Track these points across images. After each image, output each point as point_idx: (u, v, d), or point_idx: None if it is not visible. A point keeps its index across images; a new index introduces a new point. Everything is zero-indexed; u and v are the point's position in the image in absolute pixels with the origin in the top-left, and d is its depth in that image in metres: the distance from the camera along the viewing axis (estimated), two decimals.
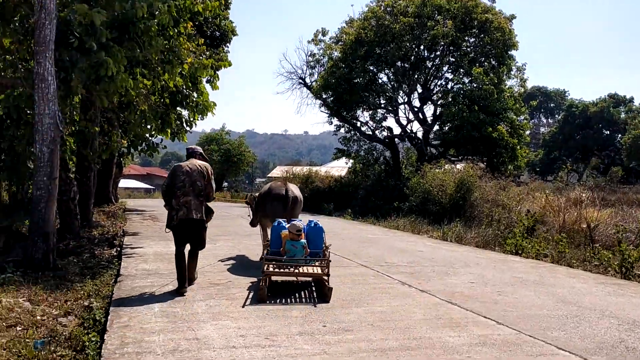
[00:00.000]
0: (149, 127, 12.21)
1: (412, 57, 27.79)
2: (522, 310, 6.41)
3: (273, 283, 7.35)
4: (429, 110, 30.39)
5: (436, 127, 29.44)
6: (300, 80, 33.14)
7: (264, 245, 8.53)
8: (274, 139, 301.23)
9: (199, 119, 12.18)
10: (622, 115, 65.74)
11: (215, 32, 25.27)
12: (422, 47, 27.68)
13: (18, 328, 5.54)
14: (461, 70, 27.37)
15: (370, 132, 31.13)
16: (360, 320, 5.79)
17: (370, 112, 30.88)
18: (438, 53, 27.56)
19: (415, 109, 29.64)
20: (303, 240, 7.36)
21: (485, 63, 27.07)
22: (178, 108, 11.98)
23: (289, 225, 7.45)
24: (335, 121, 31.61)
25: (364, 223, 19.32)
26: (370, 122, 31.16)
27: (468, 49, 27.40)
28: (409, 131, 29.70)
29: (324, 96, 30.69)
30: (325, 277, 6.80)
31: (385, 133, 30.89)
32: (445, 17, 26.47)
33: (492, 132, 24.12)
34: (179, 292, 6.88)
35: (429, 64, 28.42)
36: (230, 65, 25.32)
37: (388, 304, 6.58)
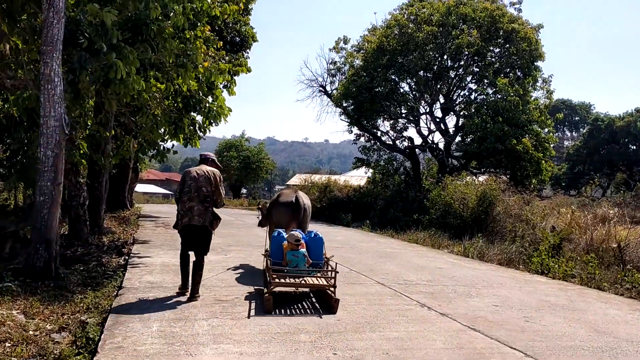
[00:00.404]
0: (161, 131, 11.87)
1: (435, 67, 27.23)
2: (552, 341, 5.85)
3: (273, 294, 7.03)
4: (450, 121, 29.84)
5: (458, 139, 28.82)
6: (321, 88, 32.81)
7: (264, 255, 8.51)
8: (294, 147, 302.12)
9: (213, 125, 11.81)
10: None
11: (235, 38, 25.05)
12: (445, 56, 27.12)
13: (7, 344, 5.16)
14: (485, 80, 26.75)
15: (391, 142, 30.61)
16: (375, 347, 5.29)
17: (391, 121, 30.39)
18: (462, 63, 26.96)
19: (437, 120, 29.05)
20: (303, 250, 7.36)
21: (511, 74, 26.37)
22: (192, 113, 11.63)
23: (287, 235, 7.47)
24: (355, 130, 31.19)
25: (382, 235, 18.79)
26: (391, 132, 30.68)
27: (493, 59, 26.76)
28: (430, 142, 29.08)
29: (344, 104, 30.28)
30: (332, 289, 6.76)
31: (405, 143, 30.38)
32: (470, 26, 25.89)
33: (517, 144, 23.45)
34: (181, 292, 7.16)
35: (452, 74, 27.81)
36: (249, 71, 25.02)
37: (405, 329, 6.06)
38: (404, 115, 30.12)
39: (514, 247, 13.46)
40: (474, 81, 27.68)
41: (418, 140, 29.95)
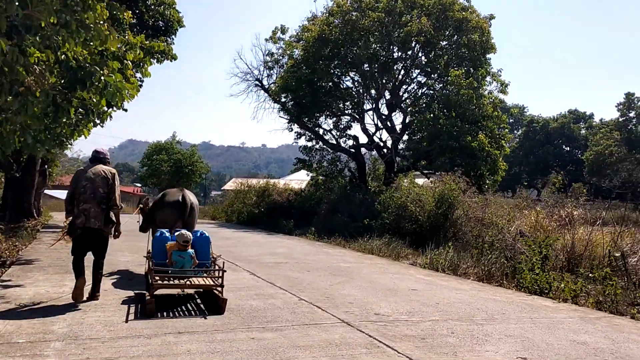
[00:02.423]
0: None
1: (382, 58, 25.05)
2: None
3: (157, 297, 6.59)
4: (397, 118, 27.79)
5: (405, 137, 26.81)
6: (257, 82, 30.12)
7: (146, 257, 7.84)
8: (231, 152, 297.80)
9: (113, 109, 8.95)
10: (583, 132, 65.50)
11: (158, 22, 21.99)
12: (392, 46, 24.96)
13: None
14: (434, 74, 24.82)
15: (334, 141, 28.22)
16: None
17: (334, 119, 28.03)
18: (410, 53, 24.84)
19: (383, 117, 26.89)
20: (191, 251, 7.07)
21: (461, 67, 24.52)
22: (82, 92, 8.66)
23: (177, 234, 7.11)
24: (296, 128, 28.62)
25: (330, 245, 16.26)
26: (334, 131, 28.29)
27: (441, 51, 24.79)
28: (378, 139, 26.87)
29: (283, 100, 27.71)
30: (219, 289, 6.56)
31: (350, 142, 28.07)
32: (419, 13, 23.79)
33: (472, 141, 21.52)
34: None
35: (400, 66, 25.71)
36: (175, 58, 22.26)
37: None
38: (347, 112, 27.84)
39: (492, 258, 11.19)
40: (422, 74, 25.66)
41: (363, 139, 27.79)
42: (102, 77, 8.03)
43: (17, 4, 6.73)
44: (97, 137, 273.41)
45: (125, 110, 22.37)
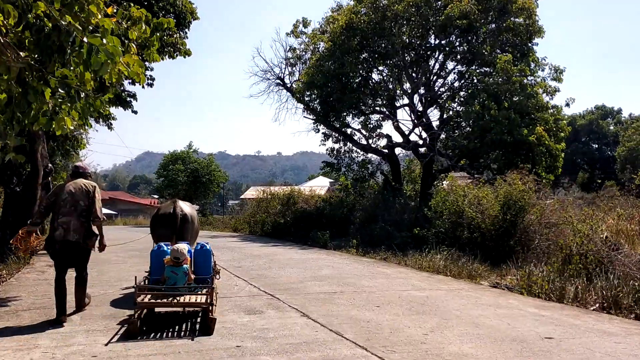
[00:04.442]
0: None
1: (417, 47, 22.45)
2: None
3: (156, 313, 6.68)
4: (433, 115, 25.07)
5: (443, 135, 24.08)
6: (278, 81, 27.60)
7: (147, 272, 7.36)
8: (247, 161, 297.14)
9: (117, 106, 6.51)
10: (611, 128, 62.50)
11: (169, 14, 19.60)
12: (429, 33, 22.31)
13: None
14: (477, 62, 22.04)
15: (365, 142, 25.60)
16: None
17: (362, 118, 25.39)
18: (452, 39, 22.12)
19: (419, 113, 24.20)
20: (185, 266, 6.63)
21: (505, 54, 21.78)
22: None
23: (171, 249, 6.77)
24: (322, 128, 26.05)
25: (381, 261, 13.59)
26: (363, 131, 25.65)
27: (485, 36, 22.05)
28: (415, 138, 24.13)
29: (307, 99, 25.16)
30: (208, 307, 6.01)
31: (382, 142, 25.40)
32: None
33: (529, 135, 18.78)
34: (58, 320, 6.30)
35: (437, 55, 23.03)
36: (189, 54, 19.84)
37: None
38: (378, 109, 25.21)
39: (615, 282, 8.48)
40: (463, 63, 22.90)
41: (396, 138, 25.15)
42: (85, 39, 5.51)
43: None
44: (114, 149, 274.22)
45: (135, 112, 20.34)
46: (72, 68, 5.74)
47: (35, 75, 5.96)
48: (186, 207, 8.33)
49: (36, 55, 6.03)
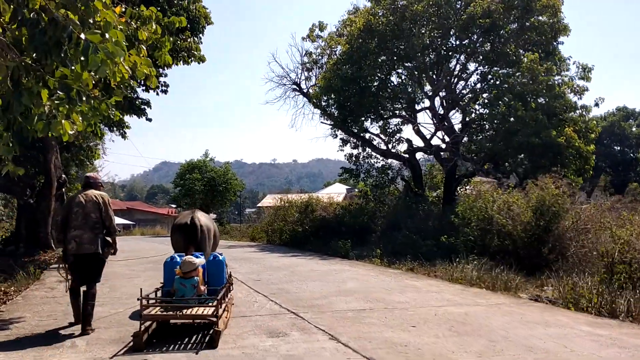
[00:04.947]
0: None
1: (439, 48, 21.75)
2: None
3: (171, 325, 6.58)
4: (455, 118, 24.27)
5: (465, 138, 23.27)
6: (295, 86, 27.01)
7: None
8: (263, 169, 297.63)
9: (129, 114, 5.93)
10: (634, 129, 61.01)
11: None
12: (450, 34, 21.58)
13: None
14: (500, 62, 21.21)
15: (384, 147, 24.88)
16: None
17: (382, 122, 24.69)
18: (474, 39, 21.36)
19: (440, 116, 23.43)
20: (196, 278, 6.43)
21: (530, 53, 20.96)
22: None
23: (181, 261, 6.60)
24: (340, 134, 25.40)
25: (408, 273, 12.83)
26: (382, 135, 24.95)
27: (509, 35, 21.24)
28: (437, 142, 23.37)
29: (324, 104, 24.55)
30: (213, 319, 5.84)
31: (402, 147, 24.66)
32: None
33: (557, 136, 17.97)
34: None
35: (458, 56, 22.29)
36: (203, 60, 19.34)
37: None
38: (397, 112, 24.51)
39: None
40: (485, 64, 22.10)
41: (416, 143, 24.41)
42: (82, 35, 4.90)
43: None
44: (131, 159, 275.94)
45: (150, 119, 19.81)
46: (72, 67, 5.12)
47: (33, 76, 5.38)
48: (203, 218, 8.13)
49: (34, 55, 5.45)
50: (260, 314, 7.35)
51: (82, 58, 4.87)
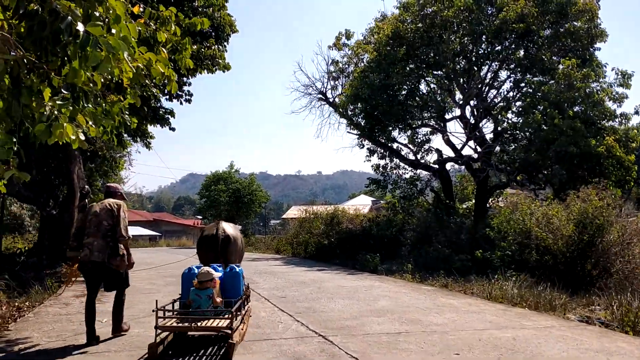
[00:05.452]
0: None
1: (469, 55, 21.03)
2: None
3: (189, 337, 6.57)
4: (486, 127, 23.43)
5: (497, 148, 22.41)
6: (320, 95, 26.49)
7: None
8: (287, 180, 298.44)
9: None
10: None
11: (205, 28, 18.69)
12: (481, 40, 20.83)
13: None
14: (535, 69, 20.36)
15: (413, 157, 24.13)
16: None
17: (410, 131, 23.98)
18: (507, 44, 20.57)
19: (471, 125, 22.62)
20: (211, 290, 6.31)
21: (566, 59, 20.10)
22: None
23: (197, 272, 6.51)
24: (367, 144, 24.74)
25: (442, 290, 12.04)
26: (411, 146, 24.21)
27: (543, 40, 20.41)
28: (469, 152, 22.57)
29: (351, 113, 23.97)
30: (228, 331, 5.70)
31: (432, 157, 23.91)
32: None
33: (597, 146, 17.07)
34: (89, 344, 6.35)
35: (491, 63, 21.50)
36: (228, 69, 18.95)
37: None
38: (426, 122, 23.78)
39: None
40: (519, 71, 21.26)
41: (446, 153, 23.64)
42: (80, 27, 4.35)
43: None
44: (158, 170, 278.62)
45: (173, 129, 19.38)
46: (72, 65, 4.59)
47: (36, 74, 4.87)
48: (229, 229, 8.07)
49: (34, 51, 4.92)
50: (286, 337, 6.71)
51: (81, 53, 4.33)
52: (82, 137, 5.33)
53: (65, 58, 4.46)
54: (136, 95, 6.30)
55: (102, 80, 5.02)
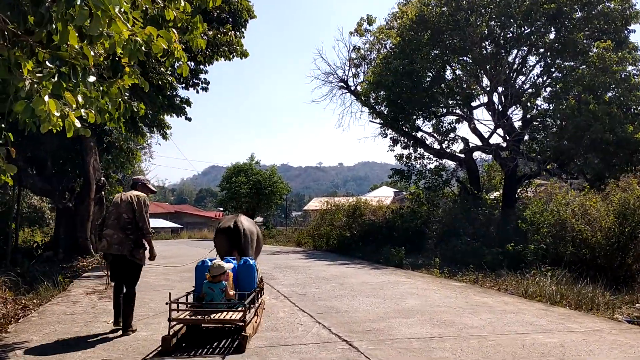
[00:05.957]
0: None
1: (497, 39, 20.09)
2: None
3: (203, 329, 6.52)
4: (515, 115, 22.45)
5: (526, 137, 21.44)
6: (342, 83, 25.73)
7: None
8: (308, 172, 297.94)
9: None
10: None
11: (224, 13, 18.12)
12: (511, 21, 19.86)
13: None
14: (566, 52, 19.34)
15: (438, 146, 23.28)
16: None
17: (435, 120, 23.11)
18: (538, 25, 19.56)
19: (499, 112, 21.68)
20: (224, 283, 6.38)
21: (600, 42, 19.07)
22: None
23: (210, 265, 6.57)
24: (390, 133, 23.96)
25: (474, 286, 11.32)
26: (436, 134, 23.35)
27: (574, 23, 19.38)
28: (501, 139, 21.61)
29: (373, 101, 23.21)
30: (241, 324, 5.74)
31: (457, 146, 23.01)
32: None
33: (635, 132, 16.12)
34: (115, 326, 6.65)
35: (520, 47, 20.52)
36: (245, 55, 18.34)
37: None
38: (452, 109, 22.90)
39: None
40: (549, 55, 20.25)
41: (473, 141, 22.73)
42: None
43: None
44: (179, 163, 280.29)
45: (189, 119, 18.70)
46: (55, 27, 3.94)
47: (19, 47, 4.25)
48: (246, 222, 8.18)
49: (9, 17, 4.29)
50: (306, 342, 6.06)
51: (66, 14, 3.70)
52: (78, 124, 4.74)
53: (49, 24, 3.84)
54: (137, 75, 5.66)
55: (93, 54, 4.38)
